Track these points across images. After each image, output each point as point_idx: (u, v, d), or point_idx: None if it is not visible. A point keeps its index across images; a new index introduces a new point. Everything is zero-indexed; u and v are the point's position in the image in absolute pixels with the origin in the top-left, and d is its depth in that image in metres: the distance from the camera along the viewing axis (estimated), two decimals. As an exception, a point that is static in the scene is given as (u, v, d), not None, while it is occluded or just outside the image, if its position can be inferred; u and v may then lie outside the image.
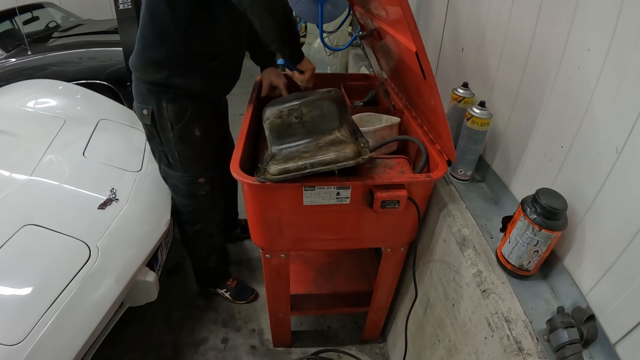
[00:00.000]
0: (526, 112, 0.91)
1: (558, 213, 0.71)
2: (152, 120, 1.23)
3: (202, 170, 1.35)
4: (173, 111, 1.21)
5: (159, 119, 1.22)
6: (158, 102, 1.19)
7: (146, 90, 1.20)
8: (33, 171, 1.33)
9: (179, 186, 1.39)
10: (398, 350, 1.37)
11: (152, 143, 1.33)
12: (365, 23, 1.34)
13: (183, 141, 1.26)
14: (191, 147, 1.29)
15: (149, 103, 1.21)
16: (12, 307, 0.96)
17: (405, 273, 1.28)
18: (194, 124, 1.25)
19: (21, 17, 3.11)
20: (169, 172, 1.37)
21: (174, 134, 1.24)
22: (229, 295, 1.67)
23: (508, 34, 0.97)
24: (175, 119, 1.22)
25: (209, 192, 1.40)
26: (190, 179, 1.35)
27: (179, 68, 1.16)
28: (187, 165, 1.32)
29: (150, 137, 1.31)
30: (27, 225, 1.13)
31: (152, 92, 1.19)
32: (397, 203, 0.92)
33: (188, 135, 1.26)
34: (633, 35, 0.61)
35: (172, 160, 1.31)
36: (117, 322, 1.19)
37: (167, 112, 1.21)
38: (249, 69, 1.68)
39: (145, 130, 1.30)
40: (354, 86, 1.50)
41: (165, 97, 1.19)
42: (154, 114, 1.21)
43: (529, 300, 0.76)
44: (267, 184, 0.88)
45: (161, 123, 1.23)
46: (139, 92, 1.23)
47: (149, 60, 1.16)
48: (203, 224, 1.47)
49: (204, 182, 1.37)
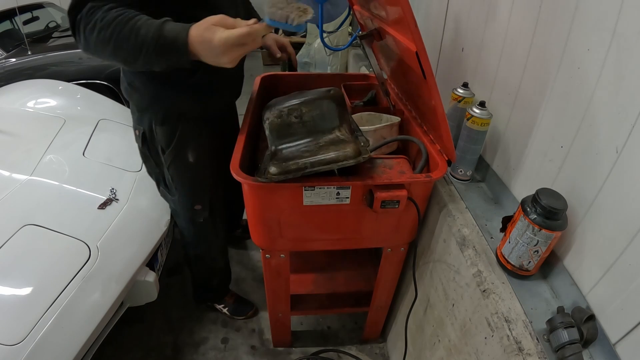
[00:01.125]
0: (526, 112, 0.91)
1: (558, 213, 0.71)
2: (144, 143, 1.15)
3: (199, 197, 1.26)
4: (162, 134, 1.11)
5: (150, 141, 1.14)
6: (149, 123, 1.10)
7: (136, 111, 1.12)
8: (33, 171, 1.33)
9: (177, 210, 1.32)
10: (398, 350, 1.37)
11: (147, 166, 1.25)
12: (365, 23, 1.34)
13: (176, 166, 1.17)
14: (185, 173, 1.19)
15: (140, 123, 1.12)
16: (12, 307, 0.96)
17: (405, 273, 1.28)
18: (186, 148, 1.15)
19: (21, 17, 3.11)
20: (167, 195, 1.30)
21: (165, 158, 1.15)
22: (227, 311, 1.63)
23: (508, 34, 0.97)
24: (165, 142, 1.12)
25: (208, 218, 1.31)
26: (188, 205, 1.27)
27: (160, 87, 1.05)
28: (182, 191, 1.23)
29: (145, 160, 1.23)
30: (27, 225, 1.13)
31: (142, 113, 1.11)
32: (397, 203, 0.92)
33: (180, 160, 1.16)
34: (633, 35, 0.61)
35: (168, 184, 1.24)
36: (117, 322, 1.19)
37: (157, 135, 1.12)
38: (249, 69, 1.68)
39: (140, 153, 1.22)
40: (354, 86, 1.50)
41: (154, 119, 1.09)
42: (145, 136, 1.13)
43: (529, 300, 0.76)
44: (267, 184, 0.88)
45: (153, 146, 1.15)
46: (132, 111, 1.15)
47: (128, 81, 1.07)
48: (204, 248, 1.43)
49: (202, 209, 1.28)
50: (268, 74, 1.50)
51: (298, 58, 2.85)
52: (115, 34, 0.77)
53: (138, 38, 0.77)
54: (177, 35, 0.77)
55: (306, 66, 2.88)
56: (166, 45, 0.78)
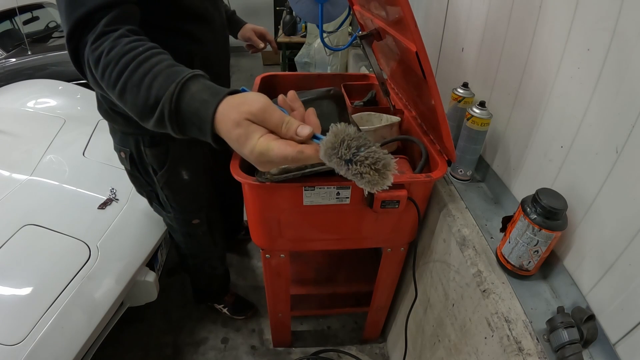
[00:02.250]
0: (526, 112, 0.91)
1: (558, 213, 0.71)
2: (132, 165, 1.08)
3: (196, 212, 1.23)
4: (153, 156, 1.04)
5: (139, 163, 1.07)
6: (136, 145, 1.03)
7: (121, 132, 1.03)
8: (33, 171, 1.33)
9: (173, 226, 1.28)
10: (398, 350, 1.37)
11: (137, 185, 1.18)
12: (365, 23, 1.34)
13: (170, 186, 1.11)
14: (180, 191, 1.14)
15: (124, 145, 1.05)
16: (12, 307, 0.96)
17: (405, 273, 1.28)
18: (180, 167, 1.09)
19: (21, 17, 3.11)
20: (162, 212, 1.24)
21: (158, 179, 1.09)
22: (227, 311, 1.62)
23: (508, 34, 0.97)
24: (157, 164, 1.06)
25: (207, 232, 1.29)
26: (184, 221, 1.23)
27: None
28: (178, 209, 1.19)
29: (134, 181, 1.16)
30: (27, 225, 1.13)
31: (128, 134, 1.02)
32: (397, 203, 0.92)
33: (174, 179, 1.10)
34: (633, 35, 0.61)
35: (162, 203, 1.18)
36: (117, 322, 1.19)
37: (146, 157, 1.05)
38: (249, 69, 1.68)
39: (127, 174, 1.15)
40: (354, 86, 1.50)
41: (142, 140, 1.02)
42: (133, 158, 1.06)
43: (529, 300, 0.76)
44: (267, 184, 0.88)
45: (143, 167, 1.08)
46: (112, 132, 1.06)
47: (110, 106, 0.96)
48: (203, 259, 1.41)
49: (200, 223, 1.25)
50: (268, 74, 1.50)
51: (298, 58, 2.85)
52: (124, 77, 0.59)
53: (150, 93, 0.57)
54: (197, 111, 0.54)
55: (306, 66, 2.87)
56: (184, 121, 0.56)
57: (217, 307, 1.64)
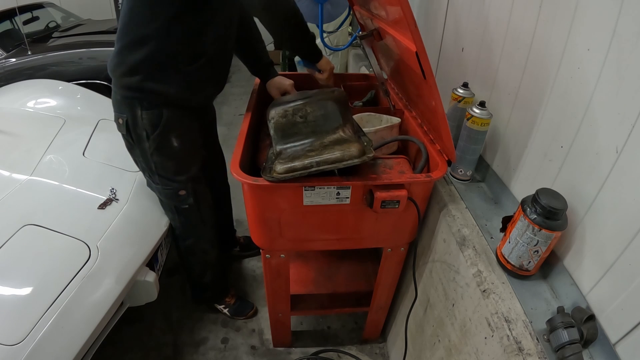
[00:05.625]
0: (526, 112, 0.91)
1: (558, 213, 0.71)
2: (127, 130, 1.16)
3: (184, 182, 1.27)
4: (148, 119, 1.13)
5: (134, 128, 1.15)
6: (133, 109, 1.13)
7: (121, 98, 1.14)
8: (33, 171, 1.33)
9: (162, 200, 1.34)
10: (398, 350, 1.37)
11: (133, 154, 1.27)
12: (365, 23, 1.34)
13: (160, 152, 1.19)
14: (169, 158, 1.21)
15: (123, 111, 1.14)
16: (12, 307, 0.96)
17: (405, 273, 1.29)
18: (171, 133, 1.17)
19: (21, 17, 3.12)
20: (152, 184, 1.31)
21: (150, 143, 1.17)
22: (227, 312, 1.62)
23: (508, 34, 0.97)
24: (151, 127, 1.14)
25: (193, 205, 1.32)
26: (172, 192, 1.28)
27: (154, 71, 1.08)
28: (166, 177, 1.24)
29: (130, 148, 1.25)
30: (27, 225, 1.13)
31: (127, 99, 1.13)
32: (397, 203, 0.92)
33: (165, 145, 1.18)
34: (633, 35, 0.61)
35: (151, 173, 1.25)
36: (117, 322, 1.19)
37: (141, 121, 1.13)
38: (249, 69, 1.68)
39: (124, 141, 1.24)
40: (354, 86, 1.50)
41: (139, 104, 1.12)
42: (128, 123, 1.15)
43: (529, 300, 0.76)
44: (267, 183, 0.88)
45: (137, 133, 1.16)
46: (115, 100, 1.17)
47: (124, 62, 1.09)
48: (194, 239, 1.42)
49: (186, 194, 1.29)
50: (268, 74, 1.49)
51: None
52: None
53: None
54: None
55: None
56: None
57: (218, 308, 1.64)
